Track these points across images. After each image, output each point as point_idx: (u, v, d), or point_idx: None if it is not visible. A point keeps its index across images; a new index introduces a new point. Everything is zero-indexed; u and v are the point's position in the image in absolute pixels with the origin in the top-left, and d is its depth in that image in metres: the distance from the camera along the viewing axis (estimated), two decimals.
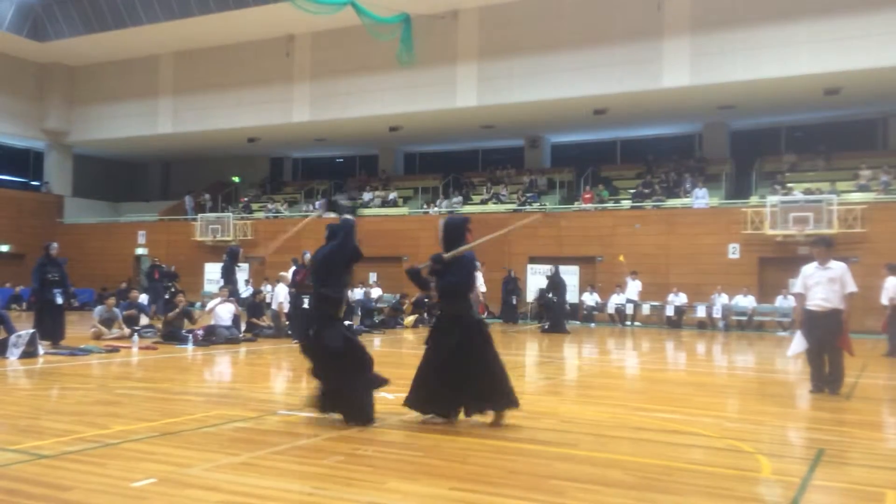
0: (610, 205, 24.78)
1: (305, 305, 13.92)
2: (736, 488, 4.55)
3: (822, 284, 8.50)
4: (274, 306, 15.92)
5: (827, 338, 8.48)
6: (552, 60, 23.39)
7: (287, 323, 15.14)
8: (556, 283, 18.67)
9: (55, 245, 13.08)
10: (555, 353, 14.19)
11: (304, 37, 27.15)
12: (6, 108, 30.49)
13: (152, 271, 22.56)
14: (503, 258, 23.69)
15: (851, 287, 8.49)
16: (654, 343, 16.70)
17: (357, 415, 6.23)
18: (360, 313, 18.12)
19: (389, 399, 7.55)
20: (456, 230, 6.59)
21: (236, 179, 35.05)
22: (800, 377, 10.38)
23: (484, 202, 27.33)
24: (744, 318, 20.98)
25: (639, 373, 11.52)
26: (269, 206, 30.85)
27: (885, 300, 13.75)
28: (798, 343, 8.86)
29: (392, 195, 29.11)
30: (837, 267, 8.49)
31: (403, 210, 28.11)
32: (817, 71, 20.46)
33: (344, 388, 6.26)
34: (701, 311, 21.28)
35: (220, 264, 18.64)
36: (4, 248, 29.84)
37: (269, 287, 24.34)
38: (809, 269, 8.69)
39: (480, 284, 18.54)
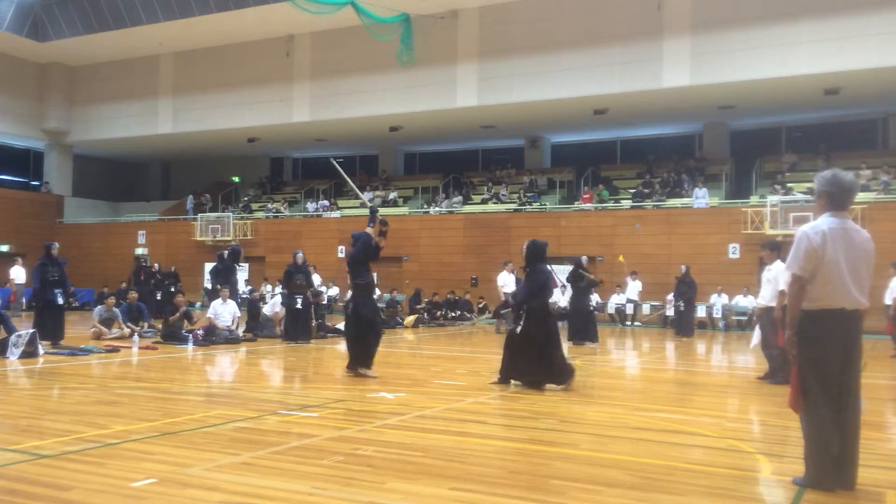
0: (610, 205, 24.78)
1: (298, 306, 13.99)
2: (736, 488, 4.54)
3: (763, 284, 9.59)
4: (269, 312, 15.86)
5: (765, 334, 9.52)
6: (552, 60, 23.39)
7: (280, 327, 15.01)
8: (687, 284, 18.26)
9: (56, 245, 13.08)
10: None
11: (304, 37, 27.15)
12: (6, 108, 30.49)
13: (138, 272, 22.30)
14: (503, 258, 23.66)
15: (782, 285, 8.70)
16: (654, 343, 16.69)
17: None
18: None
19: (389, 399, 7.56)
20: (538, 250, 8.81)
21: (236, 179, 35.06)
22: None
23: (484, 202, 27.32)
24: (744, 319, 20.98)
25: (639, 373, 11.52)
26: (269, 205, 30.86)
27: (888, 300, 13.72)
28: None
29: (392, 195, 29.11)
30: (775, 267, 9.30)
31: (403, 210, 28.11)
32: (817, 71, 20.47)
33: None
34: (701, 311, 21.27)
35: (214, 264, 18.36)
36: (4, 248, 29.82)
37: (268, 287, 24.34)
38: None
39: (504, 285, 18.47)
